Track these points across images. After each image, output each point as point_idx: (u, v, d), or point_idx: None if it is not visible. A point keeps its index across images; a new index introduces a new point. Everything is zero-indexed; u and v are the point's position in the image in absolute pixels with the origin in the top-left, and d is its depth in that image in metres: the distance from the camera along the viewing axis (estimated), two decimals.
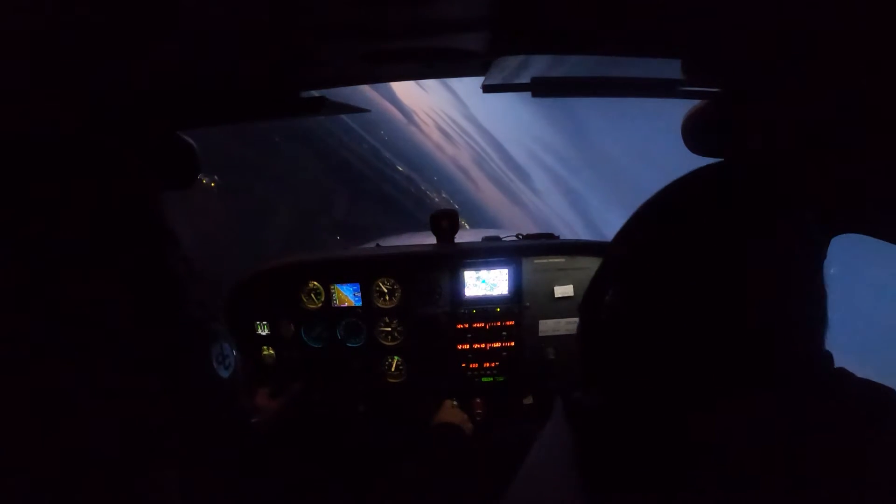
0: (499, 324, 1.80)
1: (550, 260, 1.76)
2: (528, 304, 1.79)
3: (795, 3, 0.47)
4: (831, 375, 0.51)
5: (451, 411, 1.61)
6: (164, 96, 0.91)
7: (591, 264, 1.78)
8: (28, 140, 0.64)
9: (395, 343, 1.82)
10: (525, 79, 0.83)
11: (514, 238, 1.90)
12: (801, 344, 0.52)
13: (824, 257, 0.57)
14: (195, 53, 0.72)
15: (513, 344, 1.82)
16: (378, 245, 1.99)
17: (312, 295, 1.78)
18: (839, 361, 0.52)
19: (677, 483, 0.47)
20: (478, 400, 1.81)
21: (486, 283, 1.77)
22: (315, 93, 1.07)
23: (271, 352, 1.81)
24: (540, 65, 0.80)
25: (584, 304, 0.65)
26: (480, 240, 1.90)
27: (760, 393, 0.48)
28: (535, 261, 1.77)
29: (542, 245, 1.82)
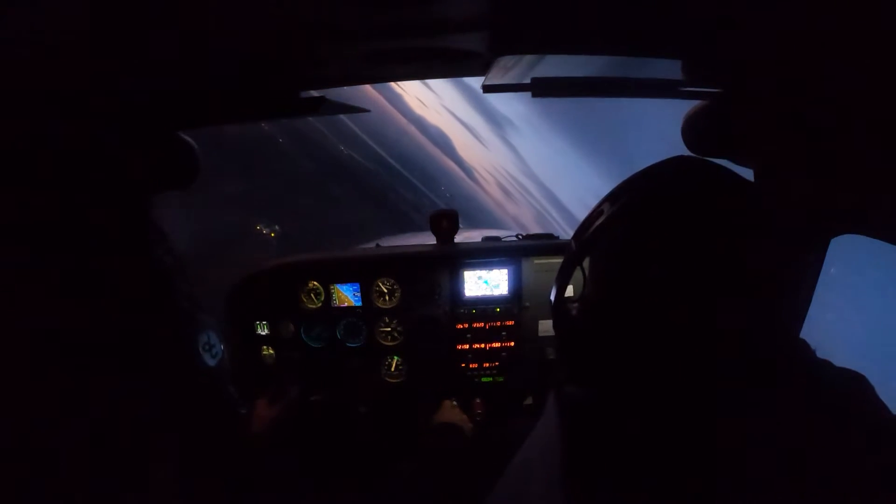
0: (498, 324, 1.80)
1: (550, 260, 1.76)
2: (527, 304, 1.79)
3: (795, 3, 0.47)
4: (811, 365, 0.51)
5: (450, 411, 1.61)
6: (164, 96, 0.91)
7: None
8: (28, 139, 0.64)
9: (395, 343, 1.81)
10: (525, 79, 0.83)
11: (514, 238, 1.90)
12: (774, 335, 0.52)
13: (821, 257, 0.57)
14: (195, 53, 0.71)
15: (512, 344, 1.82)
16: (378, 245, 1.99)
17: (312, 295, 1.78)
18: (841, 362, 0.52)
19: (659, 477, 0.48)
20: (477, 400, 1.81)
21: (486, 283, 1.77)
22: (315, 93, 1.07)
23: (271, 352, 1.81)
24: (540, 65, 0.80)
25: (555, 299, 0.67)
26: (480, 240, 1.90)
27: (736, 387, 0.48)
28: (535, 261, 1.77)
29: (542, 245, 1.82)
